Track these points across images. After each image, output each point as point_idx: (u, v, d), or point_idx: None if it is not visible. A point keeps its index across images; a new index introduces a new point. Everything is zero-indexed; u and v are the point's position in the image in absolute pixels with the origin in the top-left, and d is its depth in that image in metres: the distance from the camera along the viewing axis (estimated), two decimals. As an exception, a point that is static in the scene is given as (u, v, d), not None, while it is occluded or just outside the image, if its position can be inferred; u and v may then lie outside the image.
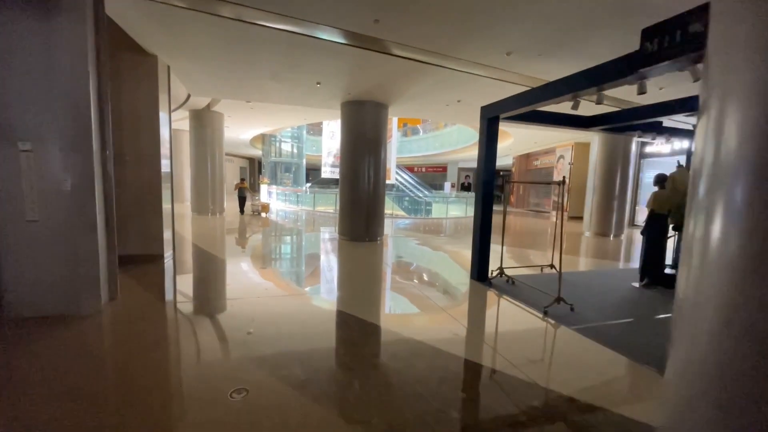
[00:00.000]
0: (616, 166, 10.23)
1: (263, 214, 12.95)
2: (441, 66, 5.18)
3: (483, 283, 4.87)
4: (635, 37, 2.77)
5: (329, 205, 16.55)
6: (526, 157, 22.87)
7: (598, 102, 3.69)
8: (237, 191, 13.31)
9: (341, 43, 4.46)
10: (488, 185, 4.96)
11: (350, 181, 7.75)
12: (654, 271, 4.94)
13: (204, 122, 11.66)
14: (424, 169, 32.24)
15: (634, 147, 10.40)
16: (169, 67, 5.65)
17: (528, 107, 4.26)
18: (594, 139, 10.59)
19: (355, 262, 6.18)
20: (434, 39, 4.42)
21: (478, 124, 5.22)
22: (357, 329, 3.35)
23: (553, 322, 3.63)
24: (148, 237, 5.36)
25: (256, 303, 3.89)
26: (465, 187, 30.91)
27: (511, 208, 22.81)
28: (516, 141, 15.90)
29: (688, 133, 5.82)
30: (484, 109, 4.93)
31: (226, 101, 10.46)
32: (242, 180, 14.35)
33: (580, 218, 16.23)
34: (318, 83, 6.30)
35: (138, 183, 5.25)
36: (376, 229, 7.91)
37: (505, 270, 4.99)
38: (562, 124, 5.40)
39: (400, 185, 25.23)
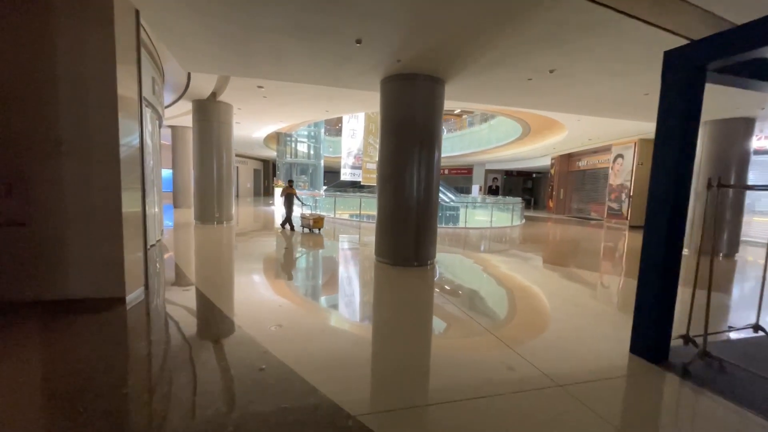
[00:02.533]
0: (728, 166, 7.92)
1: (315, 231, 9.56)
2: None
3: (661, 365, 2.76)
4: None
5: (348, 209, 14.59)
6: (568, 158, 20.49)
7: None
8: (284, 198, 9.92)
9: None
10: (680, 205, 2.80)
11: (393, 186, 5.74)
12: None
13: (209, 114, 9.89)
14: (446, 171, 30.07)
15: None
16: (138, 13, 3.77)
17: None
18: (695, 130, 8.29)
19: (409, 312, 4.14)
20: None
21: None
22: None
23: None
24: (99, 268, 3.46)
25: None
26: (492, 191, 28.63)
27: (549, 214, 20.42)
28: (568, 136, 13.61)
29: None
30: (678, 56, 2.80)
31: (235, 90, 8.64)
32: (290, 183, 10.40)
33: (642, 227, 13.73)
34: (358, 41, 4.33)
35: (84, 185, 3.36)
36: (428, 249, 5.86)
37: (693, 337, 2.87)
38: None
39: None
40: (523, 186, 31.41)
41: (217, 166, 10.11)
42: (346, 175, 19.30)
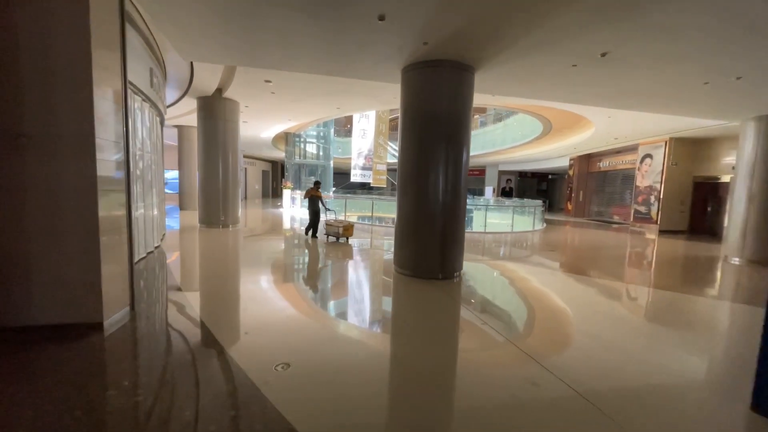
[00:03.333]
0: (789, 165, 7.06)
1: (342, 240, 8.27)
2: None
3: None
4: None
5: (359, 211, 13.96)
6: (588, 158, 19.57)
7: None
8: (308, 201, 8.67)
9: None
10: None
11: (415, 188, 5.08)
12: None
13: (214, 112, 9.35)
14: (458, 173, 29.26)
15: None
16: (122, -17, 3.18)
17: None
18: (748, 125, 7.45)
19: (439, 341, 3.45)
20: None
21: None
22: None
23: None
24: (70, 288, 2.86)
25: None
26: (506, 193, 27.73)
27: (567, 217, 19.51)
28: (594, 135, 12.77)
29: None
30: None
31: (241, 85, 8.07)
32: (316, 184, 8.96)
33: (673, 232, 12.98)
34: (380, 17, 3.68)
35: (50, 187, 2.76)
36: (455, 260, 5.17)
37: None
38: None
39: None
40: (537, 188, 30.47)
41: (223, 166, 9.57)
42: (356, 176, 18.70)
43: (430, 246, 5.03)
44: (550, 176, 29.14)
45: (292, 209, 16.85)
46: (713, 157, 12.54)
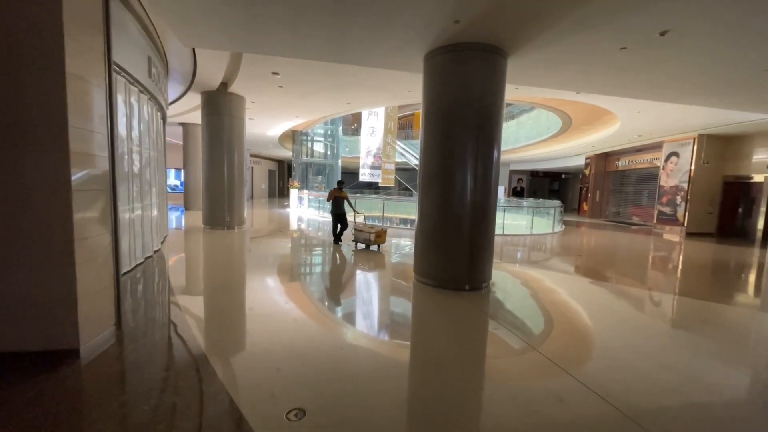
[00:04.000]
0: None
1: (374, 248, 7.26)
2: None
3: None
4: None
5: (368, 211, 13.43)
6: (605, 157, 18.82)
7: None
8: (331, 203, 7.78)
9: None
10: None
11: (439, 187, 4.53)
12: None
13: (219, 107, 8.89)
14: (467, 172, 28.58)
15: None
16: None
17: None
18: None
19: (471, 374, 2.90)
20: None
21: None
22: None
23: None
24: (40, 309, 2.36)
25: None
26: (517, 193, 26.97)
27: (583, 218, 18.78)
28: (618, 131, 12.08)
29: None
30: None
31: (247, 79, 7.58)
32: (339, 184, 8.08)
33: (701, 235, 12.20)
34: (407, -12, 3.14)
35: (10, 186, 2.27)
36: (483, 268, 4.61)
37: None
38: None
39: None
40: (549, 188, 29.71)
41: (228, 165, 9.10)
42: (365, 175, 18.18)
43: (456, 252, 4.48)
44: (563, 176, 28.34)
45: (300, 209, 16.40)
46: (745, 154, 11.79)
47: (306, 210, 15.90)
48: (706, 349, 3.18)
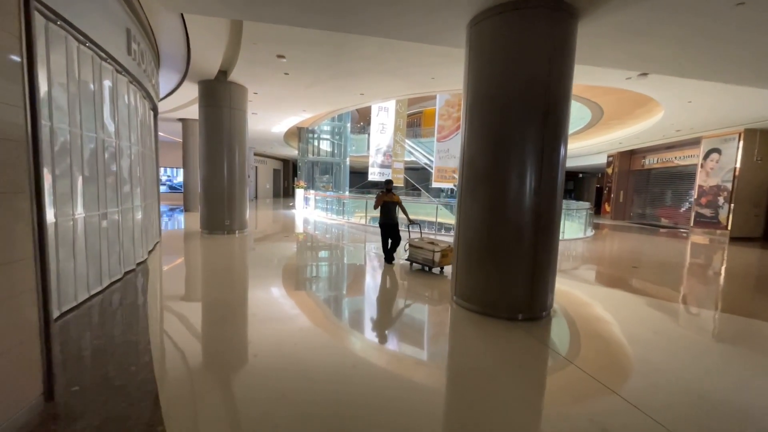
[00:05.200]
0: None
1: (436, 270, 5.40)
2: None
3: None
4: None
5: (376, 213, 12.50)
6: (630, 155, 17.68)
7: None
8: (380, 209, 5.90)
9: None
10: None
11: (488, 189, 3.55)
12: None
13: (218, 98, 7.97)
14: (478, 172, 27.52)
15: None
16: None
17: None
18: None
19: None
20: None
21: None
22: None
23: None
24: None
25: None
26: (531, 193, 25.89)
27: (605, 220, 17.63)
28: (658, 125, 10.96)
29: None
30: None
31: (249, 64, 6.64)
32: (389, 184, 6.10)
33: (746, 239, 11.03)
34: None
35: None
36: (546, 290, 3.61)
37: None
38: None
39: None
40: (564, 187, 28.48)
41: (228, 162, 8.18)
42: (374, 174, 17.21)
43: (512, 271, 3.49)
44: (580, 175, 27.15)
45: (306, 210, 15.47)
46: (797, 151, 10.65)
47: (313, 211, 14.97)
48: None
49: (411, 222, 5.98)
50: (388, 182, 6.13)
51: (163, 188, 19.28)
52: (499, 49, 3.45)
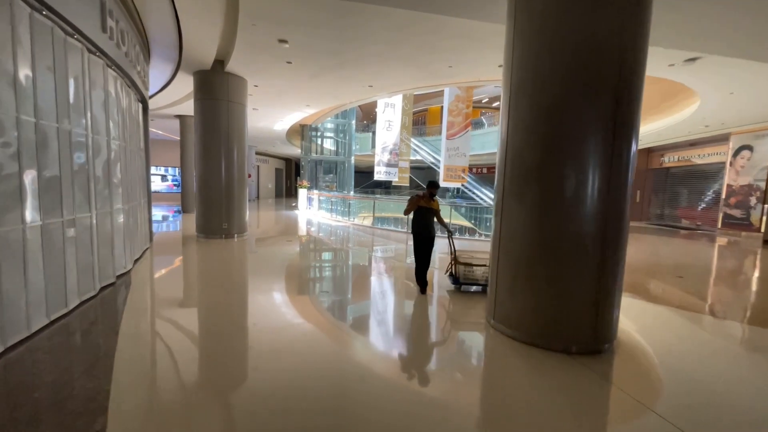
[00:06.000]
0: None
1: (476, 288, 4.44)
2: None
3: None
4: None
5: (373, 213, 11.83)
6: (647, 153, 16.89)
7: None
8: (415, 216, 4.30)
9: None
10: None
11: (538, 189, 2.85)
12: None
13: (214, 91, 7.31)
14: (485, 170, 26.83)
15: None
16: None
17: None
18: None
19: None
20: None
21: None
22: None
23: None
24: None
25: None
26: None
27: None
28: (689, 119, 10.18)
29: None
30: None
31: (248, 51, 5.98)
32: (432, 187, 4.27)
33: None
34: None
35: None
36: (612, 316, 2.91)
37: None
38: None
39: (468, 190, 20.11)
40: (574, 186, 27.65)
41: (226, 159, 7.52)
42: (380, 173, 16.51)
43: (572, 292, 2.80)
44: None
45: (310, 211, 14.82)
46: (839, 147, 9.87)
47: (317, 212, 14.32)
48: None
49: (450, 233, 4.58)
50: (433, 184, 4.28)
51: (165, 188, 18.66)
52: (554, 14, 2.75)
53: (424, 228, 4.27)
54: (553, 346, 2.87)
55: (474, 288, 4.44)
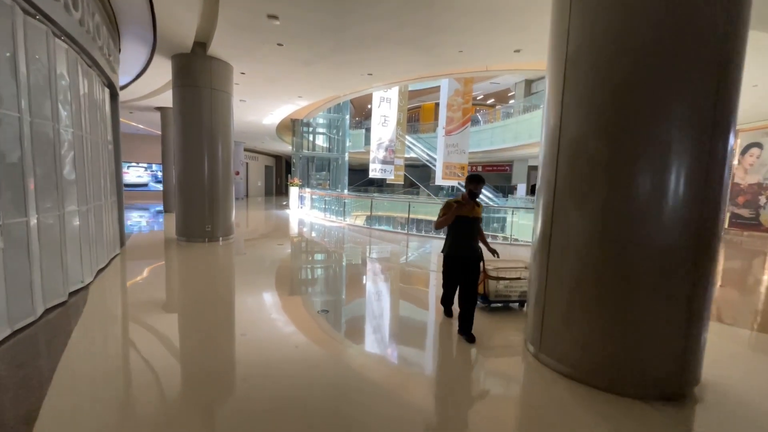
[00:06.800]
0: None
1: (513, 305, 3.73)
2: None
3: None
4: None
5: (366, 211, 11.16)
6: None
7: None
8: (449, 231, 3.05)
9: None
10: None
11: (605, 192, 2.20)
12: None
13: (196, 77, 6.50)
14: (481, 168, 26.36)
15: None
16: None
17: None
18: None
19: None
20: None
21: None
22: None
23: None
24: None
25: None
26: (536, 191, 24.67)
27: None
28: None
29: None
30: None
31: (233, 31, 5.22)
32: (475, 184, 2.90)
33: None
34: None
35: None
36: (698, 351, 2.29)
37: None
38: None
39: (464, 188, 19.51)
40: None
41: (209, 154, 6.72)
42: (375, 171, 15.81)
43: (652, 321, 2.17)
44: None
45: (302, 210, 14.03)
46: None
47: (309, 211, 13.54)
48: None
49: (494, 252, 3.26)
50: (476, 179, 2.92)
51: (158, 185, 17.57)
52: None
53: (467, 247, 2.96)
54: (626, 389, 2.24)
55: (489, 301, 3.65)
